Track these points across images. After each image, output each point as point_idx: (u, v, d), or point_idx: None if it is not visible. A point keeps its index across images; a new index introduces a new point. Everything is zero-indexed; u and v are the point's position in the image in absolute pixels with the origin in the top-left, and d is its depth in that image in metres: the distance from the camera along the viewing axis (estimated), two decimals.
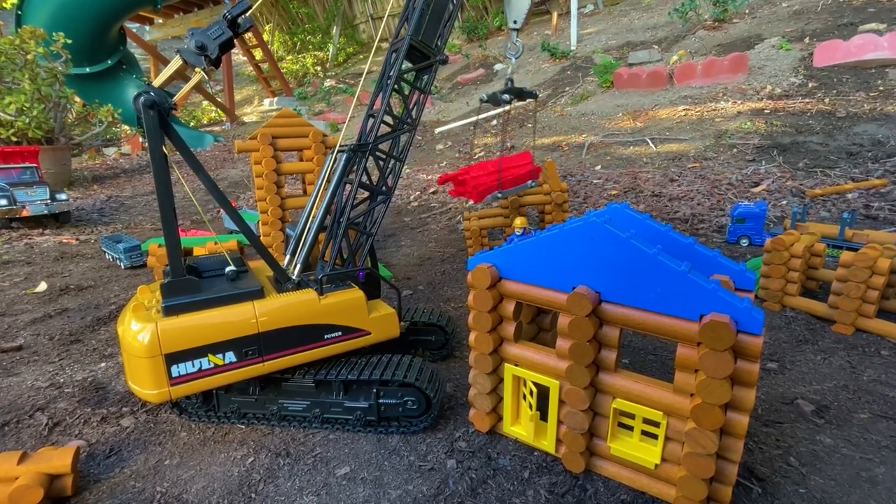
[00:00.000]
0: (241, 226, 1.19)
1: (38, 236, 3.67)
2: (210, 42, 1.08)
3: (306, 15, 12.72)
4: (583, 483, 1.09)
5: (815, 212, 2.86)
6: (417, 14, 1.44)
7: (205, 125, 10.03)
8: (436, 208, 3.96)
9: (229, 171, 6.34)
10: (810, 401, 1.34)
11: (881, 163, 3.32)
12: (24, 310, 2.27)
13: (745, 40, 5.83)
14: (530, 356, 1.15)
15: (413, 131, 1.54)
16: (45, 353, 1.83)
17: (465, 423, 1.31)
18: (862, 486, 1.06)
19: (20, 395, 1.53)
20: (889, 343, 1.60)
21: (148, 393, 1.15)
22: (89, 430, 1.36)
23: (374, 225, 1.49)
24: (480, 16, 10.60)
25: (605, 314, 1.01)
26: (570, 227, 1.03)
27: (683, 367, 0.94)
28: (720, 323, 0.85)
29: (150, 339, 1.10)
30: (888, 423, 1.24)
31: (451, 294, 2.26)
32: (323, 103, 9.63)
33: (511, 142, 5.59)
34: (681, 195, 3.42)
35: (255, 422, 1.34)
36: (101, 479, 1.17)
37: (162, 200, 1.10)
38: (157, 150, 1.06)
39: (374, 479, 1.14)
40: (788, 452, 1.16)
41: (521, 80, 7.58)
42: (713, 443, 0.91)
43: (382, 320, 1.37)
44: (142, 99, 1.02)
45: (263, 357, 1.22)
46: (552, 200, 2.62)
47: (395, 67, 1.43)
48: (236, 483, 1.14)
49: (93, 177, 6.27)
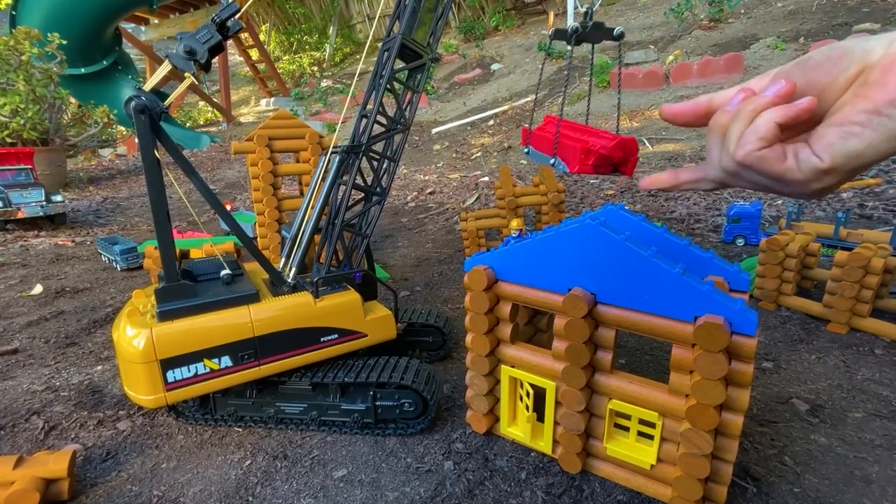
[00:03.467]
0: (234, 228, 1.19)
1: (34, 238, 3.65)
2: (199, 46, 1.07)
3: (303, 15, 12.69)
4: (579, 484, 1.10)
5: (810, 211, 2.87)
6: (409, 12, 1.44)
7: (201, 126, 10.00)
8: (433, 209, 3.96)
9: (226, 172, 6.33)
10: (805, 400, 1.35)
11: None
12: (19, 312, 2.26)
13: (740, 40, 5.85)
14: (527, 357, 1.16)
15: (406, 131, 1.54)
16: (40, 357, 1.82)
17: (463, 424, 1.31)
18: (856, 484, 1.07)
19: (16, 399, 1.52)
20: (883, 342, 1.61)
21: (144, 398, 1.14)
22: (85, 434, 1.35)
23: (369, 226, 1.49)
24: (477, 16, 10.60)
25: (601, 316, 1.02)
26: (565, 228, 1.03)
27: (678, 368, 0.94)
28: (714, 324, 0.85)
29: (145, 344, 1.10)
30: (882, 422, 1.25)
31: (449, 295, 2.26)
32: (320, 103, 9.62)
33: (508, 142, 5.59)
34: (677, 195, 3.43)
35: (252, 424, 1.34)
36: (98, 483, 1.17)
37: (155, 204, 1.10)
38: (148, 154, 1.05)
39: (372, 482, 1.14)
40: (783, 452, 1.17)
41: (517, 80, 7.59)
42: (708, 443, 0.91)
43: (379, 322, 1.38)
44: (132, 103, 1.02)
45: (259, 361, 1.22)
46: (549, 201, 2.63)
47: (387, 67, 1.43)
48: (233, 486, 1.14)
49: (88, 178, 6.25)
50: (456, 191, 4.42)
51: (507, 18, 10.17)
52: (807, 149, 0.41)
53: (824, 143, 0.40)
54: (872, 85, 0.38)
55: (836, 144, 0.39)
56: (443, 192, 4.47)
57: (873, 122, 0.37)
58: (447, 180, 4.83)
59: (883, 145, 0.38)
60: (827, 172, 0.41)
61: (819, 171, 0.41)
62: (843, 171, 0.40)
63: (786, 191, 0.45)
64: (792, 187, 0.44)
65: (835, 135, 0.39)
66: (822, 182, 0.42)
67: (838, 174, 0.41)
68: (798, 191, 0.44)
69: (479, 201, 3.98)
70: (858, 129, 0.38)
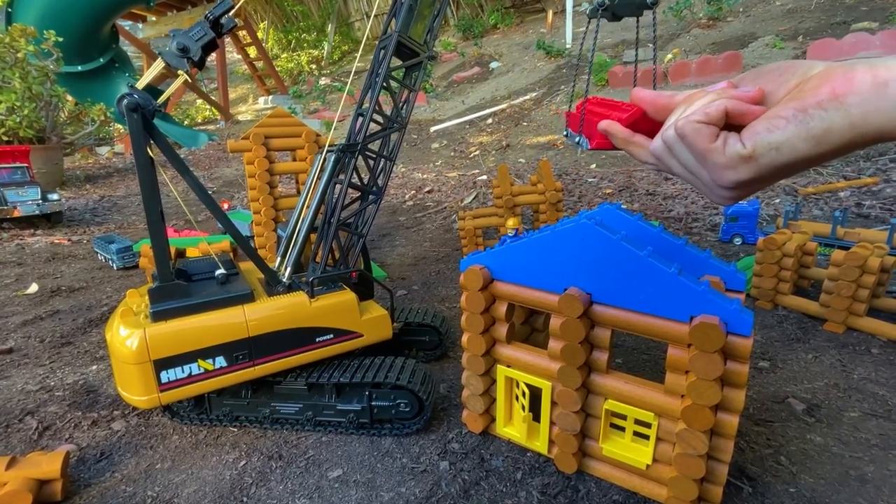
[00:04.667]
0: (228, 228, 1.18)
1: (30, 237, 3.64)
2: (192, 44, 1.06)
3: (301, 13, 12.65)
4: (575, 484, 1.10)
5: (807, 210, 2.87)
6: (405, 10, 1.43)
7: (199, 124, 9.97)
8: (431, 207, 3.96)
9: (224, 170, 6.31)
10: (801, 399, 1.35)
11: (873, 161, 3.34)
12: (14, 312, 2.25)
13: (738, 38, 5.84)
14: (522, 357, 1.15)
15: (403, 130, 1.53)
16: (35, 356, 1.82)
17: (459, 424, 1.31)
18: (851, 484, 1.07)
19: (10, 399, 1.52)
20: (879, 341, 1.61)
21: (137, 399, 1.14)
22: (80, 434, 1.35)
23: (366, 225, 1.48)
24: (476, 14, 10.58)
25: (597, 315, 1.01)
26: (561, 228, 1.03)
27: (674, 369, 0.94)
28: (710, 325, 0.85)
29: (139, 345, 1.09)
30: (878, 422, 1.25)
31: (446, 294, 2.25)
32: (318, 101, 9.60)
33: (506, 140, 5.58)
34: (675, 194, 3.43)
35: (247, 424, 1.33)
36: (92, 484, 1.16)
37: (148, 203, 1.09)
38: (141, 153, 1.05)
39: (367, 482, 1.13)
40: (779, 451, 1.17)
41: (516, 78, 7.58)
42: (703, 443, 0.91)
43: (375, 322, 1.37)
44: (125, 102, 1.01)
45: (254, 361, 1.22)
46: (547, 200, 2.62)
47: (383, 65, 1.42)
48: (228, 486, 1.14)
49: (85, 176, 6.23)
50: (454, 189, 4.41)
51: (506, 16, 10.15)
52: (735, 137, 0.44)
53: (751, 132, 0.43)
54: (805, 91, 0.41)
55: (761, 134, 0.42)
56: (441, 190, 4.46)
57: (798, 119, 0.40)
58: (445, 179, 4.83)
59: (800, 143, 0.40)
60: (745, 160, 0.43)
61: (739, 157, 0.43)
62: (760, 165, 0.43)
63: (704, 177, 0.48)
64: (710, 172, 0.47)
65: (763, 126, 0.43)
66: (737, 172, 0.44)
67: (754, 165, 0.43)
68: (713, 177, 0.47)
69: (478, 200, 3.98)
70: (783, 122, 0.41)
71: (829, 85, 0.39)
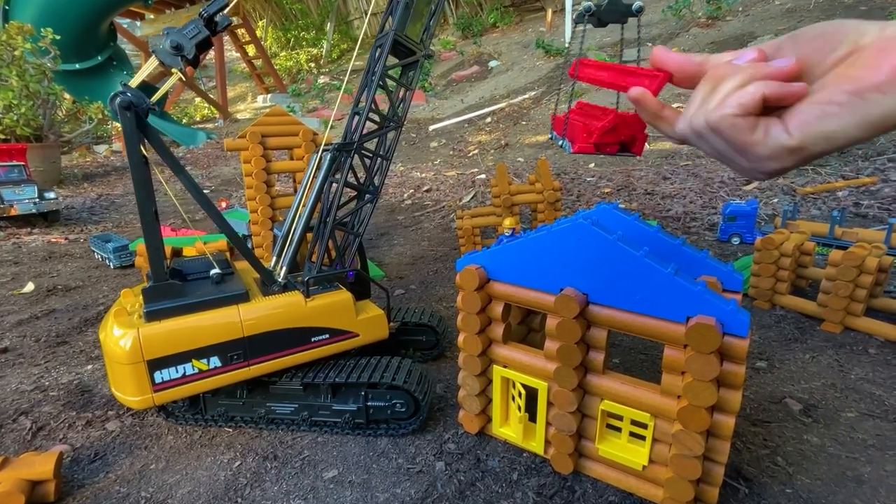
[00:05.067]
0: (223, 227, 1.17)
1: (27, 236, 3.62)
2: (186, 42, 1.05)
3: (300, 11, 12.62)
4: (571, 484, 1.09)
5: (805, 210, 2.87)
6: (402, 8, 1.42)
7: (198, 122, 9.95)
8: (429, 206, 3.95)
9: (222, 169, 6.30)
10: (798, 399, 1.35)
11: (871, 161, 3.34)
12: (10, 311, 2.24)
13: (737, 38, 5.84)
14: (519, 358, 1.15)
15: (399, 129, 1.53)
16: (30, 356, 1.81)
17: (455, 424, 1.30)
18: (847, 485, 1.06)
19: (3, 399, 1.51)
20: (877, 341, 1.61)
21: (131, 399, 1.13)
22: (74, 435, 1.34)
23: (362, 225, 1.47)
24: (475, 12, 10.56)
25: (593, 316, 1.01)
26: (557, 228, 1.02)
27: (670, 369, 0.93)
28: (706, 325, 0.84)
29: (132, 345, 1.08)
30: (875, 422, 1.25)
31: (444, 293, 2.25)
32: (317, 100, 9.58)
33: (505, 139, 5.58)
34: (673, 193, 3.43)
35: (242, 425, 1.33)
36: (85, 485, 1.16)
37: (142, 203, 1.08)
38: (134, 151, 1.04)
39: (362, 483, 1.13)
40: (776, 452, 1.17)
41: (515, 77, 7.57)
42: (700, 444, 0.90)
43: (371, 322, 1.36)
44: (118, 100, 1.00)
45: (249, 361, 1.21)
46: (545, 199, 2.61)
47: (379, 63, 1.41)
48: (222, 487, 1.13)
49: (83, 175, 6.20)
50: (452, 188, 4.40)
51: (506, 15, 10.13)
52: (778, 125, 0.39)
53: (799, 120, 0.38)
54: (861, 67, 0.36)
55: (813, 123, 0.37)
56: (439, 189, 4.45)
57: (854, 104, 0.35)
58: (444, 178, 4.82)
59: (854, 130, 0.35)
60: (792, 151, 0.39)
61: (785, 149, 0.39)
62: (808, 153, 0.38)
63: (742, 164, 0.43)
64: (750, 161, 0.42)
65: (813, 113, 0.37)
66: (781, 161, 0.40)
67: (802, 155, 0.39)
68: (753, 166, 0.42)
69: (476, 199, 3.97)
70: (837, 109, 0.36)
71: (889, 60, 0.34)
